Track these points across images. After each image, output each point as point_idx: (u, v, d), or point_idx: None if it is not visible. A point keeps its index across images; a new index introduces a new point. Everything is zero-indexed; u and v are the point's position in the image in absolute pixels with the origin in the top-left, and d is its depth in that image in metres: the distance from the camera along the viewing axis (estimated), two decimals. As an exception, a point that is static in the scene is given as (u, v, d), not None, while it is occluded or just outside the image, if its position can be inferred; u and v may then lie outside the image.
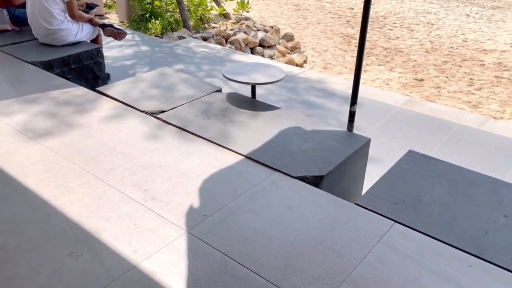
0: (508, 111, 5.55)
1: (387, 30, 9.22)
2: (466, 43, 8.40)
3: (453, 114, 4.27)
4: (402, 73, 6.83)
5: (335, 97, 4.61)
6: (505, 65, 7.24)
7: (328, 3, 11.61)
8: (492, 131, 3.89)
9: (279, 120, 2.87)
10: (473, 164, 3.34)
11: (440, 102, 5.77)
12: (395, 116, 4.16)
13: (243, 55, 6.04)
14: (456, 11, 11.15)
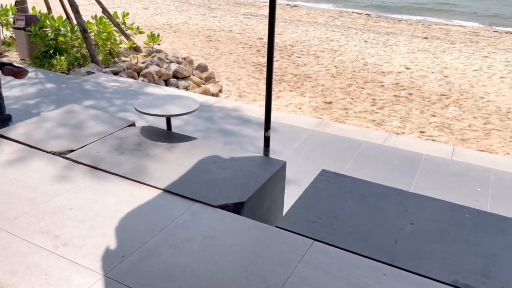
0: (408, 127, 6.09)
1: (296, 57, 9.72)
2: (367, 66, 9.13)
3: (360, 132, 4.58)
4: (312, 97, 7.21)
5: (251, 123, 4.72)
6: (401, 85, 7.97)
7: (238, 34, 11.99)
8: (395, 146, 4.23)
9: (197, 150, 2.86)
10: (381, 178, 3.59)
11: (348, 122, 6.16)
12: (308, 138, 4.36)
13: (157, 87, 5.98)
14: (355, 38, 12.13)
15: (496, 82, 8.30)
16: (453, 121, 6.33)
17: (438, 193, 3.37)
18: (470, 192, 3.40)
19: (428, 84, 8.05)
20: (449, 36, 13.85)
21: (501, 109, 6.86)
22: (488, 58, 10.14)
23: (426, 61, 9.67)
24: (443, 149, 4.20)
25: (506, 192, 3.42)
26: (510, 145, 5.55)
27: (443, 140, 5.63)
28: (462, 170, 3.75)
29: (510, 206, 3.22)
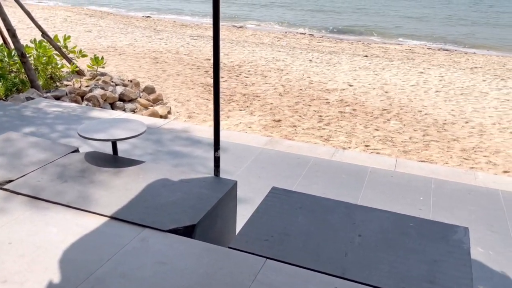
0: (354, 141, 6.31)
1: (244, 77, 9.85)
2: (312, 84, 9.41)
3: (309, 149, 4.69)
4: (262, 115, 7.31)
5: (201, 144, 4.69)
6: (346, 101, 8.27)
7: (185, 55, 11.99)
8: (342, 160, 4.36)
9: (145, 174, 2.80)
10: (330, 192, 3.68)
11: (297, 139, 6.28)
12: (258, 157, 4.40)
13: (102, 111, 5.82)
14: (300, 57, 12.50)
15: (432, 96, 8.83)
16: (395, 134, 6.63)
17: (383, 204, 3.50)
18: (413, 202, 3.56)
19: (370, 99, 8.41)
20: (388, 54, 14.62)
21: (438, 121, 7.29)
22: (424, 74, 10.80)
23: (367, 78, 10.12)
24: (386, 162, 4.38)
25: (446, 200, 3.62)
26: (447, 155, 5.89)
27: (387, 153, 5.88)
28: (405, 181, 3.92)
29: (450, 213, 3.41)
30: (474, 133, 6.79)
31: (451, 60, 14.46)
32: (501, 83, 10.24)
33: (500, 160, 5.76)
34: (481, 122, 7.30)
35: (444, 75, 10.75)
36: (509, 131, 6.93)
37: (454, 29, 24.43)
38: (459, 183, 3.91)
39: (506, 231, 3.21)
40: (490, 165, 5.61)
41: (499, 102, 8.51)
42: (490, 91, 9.38)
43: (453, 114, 7.70)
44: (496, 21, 28.38)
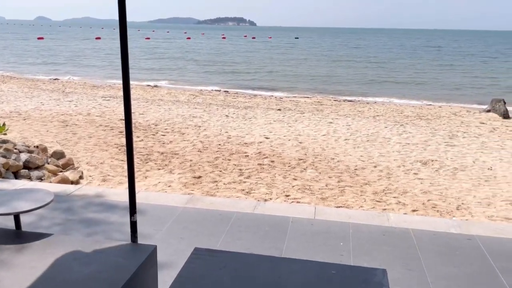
0: (275, 192, 6.41)
1: (161, 135, 9.73)
2: (230, 139, 9.57)
3: (231, 203, 4.67)
4: (181, 173, 7.19)
5: (117, 209, 4.45)
6: (264, 153, 8.48)
7: (98, 117, 11.61)
8: (264, 213, 4.39)
9: (53, 248, 2.55)
10: (254, 247, 3.65)
11: (219, 194, 6.24)
12: (179, 216, 4.27)
13: (4, 181, 5.32)
14: (217, 113, 12.74)
15: (342, 144, 9.41)
16: (312, 182, 6.88)
17: (307, 253, 3.54)
18: (334, 248, 3.65)
19: (287, 150, 8.73)
20: (299, 107, 15.48)
21: (350, 167, 7.72)
22: (333, 124, 11.54)
23: (282, 130, 10.55)
24: (306, 210, 4.49)
25: (364, 243, 3.77)
26: (361, 198, 6.21)
27: (306, 201, 6.04)
28: (325, 228, 4.03)
29: (369, 256, 3.54)
30: (383, 176, 7.28)
31: (356, 110, 15.68)
32: (401, 128, 11.27)
33: (408, 199, 6.20)
34: (387, 166, 7.88)
35: (351, 124, 11.58)
36: (412, 172, 7.54)
37: (354, 86, 26.80)
38: (374, 225, 4.10)
39: (421, 268, 3.39)
40: (400, 205, 6.00)
41: (401, 146, 9.30)
42: (392, 136, 10.25)
43: (363, 159, 8.23)
44: (394, 78, 31.67)
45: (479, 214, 5.68)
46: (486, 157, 8.60)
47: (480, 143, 9.85)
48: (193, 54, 47.93)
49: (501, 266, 3.43)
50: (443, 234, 3.97)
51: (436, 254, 3.60)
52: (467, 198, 6.29)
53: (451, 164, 7.99)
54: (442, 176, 7.30)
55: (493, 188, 6.74)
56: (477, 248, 3.72)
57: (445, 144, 9.61)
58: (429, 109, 16.61)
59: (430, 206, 5.95)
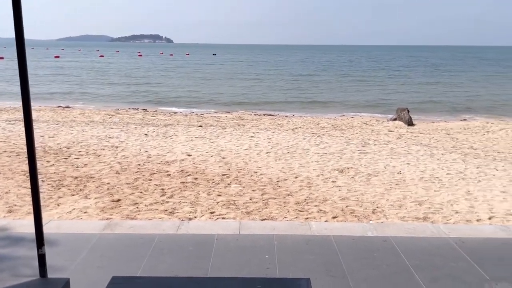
0: (199, 210, 6.29)
1: (74, 159, 9.14)
2: (151, 158, 9.27)
3: (152, 226, 4.49)
4: (98, 197, 6.78)
5: (25, 241, 4.06)
6: (186, 171, 8.32)
7: (1, 142, 10.63)
8: (188, 232, 4.27)
9: None
10: (178, 269, 3.52)
11: (141, 217, 5.97)
12: (96, 244, 4.00)
13: None
14: (135, 132, 12.30)
15: (264, 157, 9.56)
16: (236, 197, 6.87)
17: (233, 269, 3.50)
18: (260, 262, 3.65)
19: (210, 167, 8.65)
20: (220, 122, 15.52)
21: (272, 180, 7.85)
22: (254, 138, 11.70)
23: (204, 147, 10.47)
24: (231, 226, 4.46)
25: (288, 253, 3.82)
26: (285, 209, 6.32)
27: (232, 216, 6.00)
28: (250, 242, 4.02)
29: (294, 266, 3.58)
30: (304, 186, 7.49)
31: (275, 123, 16.11)
32: (318, 139, 11.75)
33: (328, 207, 6.43)
34: (308, 176, 8.13)
35: (272, 137, 11.84)
36: (331, 180, 7.86)
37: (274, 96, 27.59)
38: (298, 235, 4.18)
39: (343, 273, 3.51)
40: (321, 213, 6.20)
41: (319, 156, 9.67)
42: (311, 147, 10.64)
43: (284, 171, 8.41)
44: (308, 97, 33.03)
45: (393, 216, 6.05)
46: (396, 162, 9.25)
47: (390, 149, 10.58)
48: (108, 73, 46.20)
49: (414, 263, 3.67)
50: (361, 238, 4.15)
51: (356, 258, 3.75)
52: (381, 201, 6.68)
53: (365, 171, 8.46)
54: (358, 183, 7.70)
55: (403, 190, 7.24)
56: (392, 248, 3.95)
57: (358, 152, 10.18)
58: (342, 120, 17.59)
59: (349, 212, 6.22)
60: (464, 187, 7.44)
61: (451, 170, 8.66)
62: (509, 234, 4.32)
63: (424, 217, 5.99)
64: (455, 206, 6.46)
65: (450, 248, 3.97)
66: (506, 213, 6.17)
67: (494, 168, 8.95)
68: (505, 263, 3.70)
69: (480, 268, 3.59)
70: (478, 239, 4.21)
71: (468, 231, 4.46)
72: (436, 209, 6.34)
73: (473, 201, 6.68)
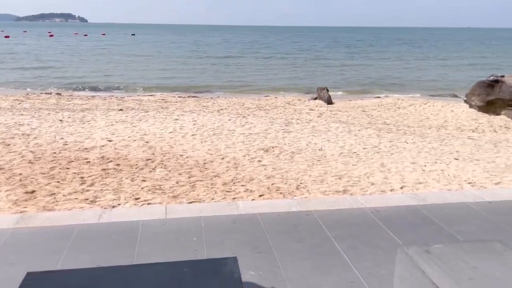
0: (123, 197, 6.07)
1: (-21, 150, 8.32)
2: (68, 145, 8.72)
3: (72, 216, 4.26)
4: (10, 190, 6.27)
5: None
6: (107, 157, 7.96)
7: None
8: (110, 220, 4.12)
9: None
10: (102, 259, 3.38)
11: (59, 207, 5.63)
12: (8, 241, 3.71)
13: None
14: (48, 118, 11.47)
15: (190, 139, 9.44)
16: (162, 181, 6.74)
17: (161, 255, 3.44)
18: (188, 244, 3.63)
19: (133, 152, 8.36)
20: (143, 105, 15.01)
21: (199, 162, 7.80)
22: (179, 120, 11.49)
23: (126, 131, 10.07)
24: (157, 211, 4.37)
25: (216, 234, 3.84)
26: (212, 191, 6.33)
27: (158, 201, 5.89)
28: (177, 226, 3.98)
29: (222, 246, 3.61)
30: (230, 167, 7.55)
31: (200, 105, 15.94)
32: (243, 120, 11.84)
33: (255, 186, 6.55)
34: (234, 156, 8.19)
35: (197, 119, 11.70)
36: (257, 160, 8.00)
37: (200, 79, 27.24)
38: (225, 216, 4.22)
39: (269, 249, 3.61)
40: (248, 192, 6.30)
41: (244, 137, 9.77)
42: (236, 128, 10.70)
43: (211, 153, 8.39)
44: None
45: (315, 191, 6.32)
46: (317, 139, 9.64)
47: (311, 128, 10.99)
48: (15, 56, 42.36)
49: (335, 234, 3.88)
50: (286, 214, 4.30)
51: (281, 233, 3.88)
52: (304, 178, 6.95)
53: (289, 149, 8.72)
54: (282, 161, 7.92)
55: (324, 166, 7.59)
56: (315, 222, 4.13)
57: (282, 131, 10.45)
58: (266, 100, 17.87)
59: (274, 189, 6.39)
60: (378, 160, 7.97)
61: (367, 145, 9.22)
62: (418, 201, 4.72)
63: (344, 190, 6.35)
64: (371, 178, 6.91)
65: (366, 217, 4.25)
66: (415, 182, 6.73)
67: (404, 142, 9.69)
68: (415, 228, 4.05)
69: (393, 234, 3.90)
70: (391, 207, 4.56)
71: (383, 201, 4.80)
72: (354, 182, 6.73)
73: (387, 173, 7.20)
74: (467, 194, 5.09)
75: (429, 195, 5.14)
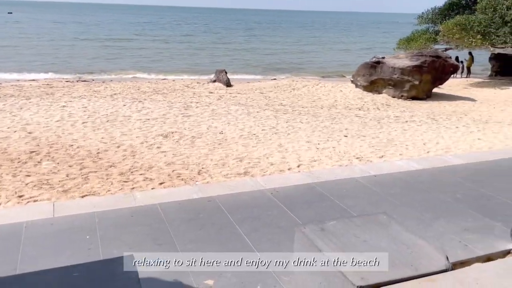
0: (4, 195, 5.45)
1: None
2: None
3: None
4: None
5: None
6: (-18, 152, 7.06)
7: None
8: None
9: None
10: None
11: None
12: None
13: None
14: None
15: (80, 128, 8.77)
16: (50, 175, 6.17)
17: (49, 259, 3.12)
18: (80, 244, 3.35)
19: (14, 144, 7.52)
20: (24, 92, 13.57)
21: (92, 152, 7.29)
22: (67, 107, 10.59)
23: (4, 121, 9.02)
24: (44, 210, 3.97)
25: (112, 229, 3.61)
26: (108, 182, 5.97)
27: (46, 198, 5.38)
28: (67, 224, 3.66)
29: (119, 241, 3.39)
30: (128, 155, 7.18)
31: (91, 90, 14.88)
32: (140, 105, 11.33)
33: (155, 174, 6.33)
34: (131, 144, 7.81)
35: (87, 105, 10.90)
36: (156, 146, 7.72)
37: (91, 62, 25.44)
38: (121, 209, 3.99)
39: (170, 240, 3.50)
40: (147, 181, 6.06)
41: (141, 123, 9.36)
42: (132, 113, 10.20)
43: (105, 141, 7.89)
44: (123, 50, 31.42)
45: (217, 175, 6.31)
46: (217, 123, 9.62)
47: (211, 111, 10.93)
48: None
49: (237, 218, 3.90)
50: (187, 202, 4.21)
51: (183, 222, 3.79)
52: (205, 162, 6.89)
53: (189, 134, 8.57)
54: (183, 146, 7.76)
55: (225, 149, 7.61)
56: (217, 207, 4.11)
57: (182, 115, 10.22)
58: (164, 84, 17.32)
59: (175, 176, 6.24)
60: (277, 141, 8.23)
61: (266, 126, 9.46)
62: (313, 179, 4.96)
63: (245, 172, 6.43)
64: (270, 159, 7.11)
65: (266, 199, 4.35)
66: (311, 160, 7.08)
67: (300, 122, 10.13)
68: (311, 206, 4.25)
69: (292, 213, 4.04)
70: (289, 187, 4.72)
71: (281, 181, 4.95)
72: (254, 163, 6.86)
73: (285, 153, 7.46)
74: (356, 169, 5.47)
75: (323, 172, 5.43)
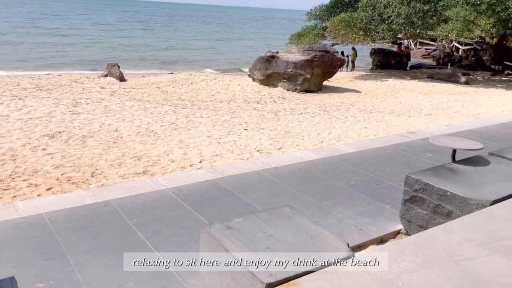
0: None
1: None
2: None
3: None
4: None
5: None
6: None
7: None
8: None
9: None
10: None
11: None
12: None
13: None
14: None
15: None
16: None
17: None
18: None
19: None
20: None
21: (-39, 158, 6.33)
22: None
23: None
24: None
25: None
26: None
27: None
28: None
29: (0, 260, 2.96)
30: (7, 160, 6.38)
31: (-41, 87, 13.00)
32: (20, 102, 10.17)
33: (40, 179, 5.70)
34: (10, 147, 6.95)
35: None
36: (41, 148, 6.97)
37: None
38: (0, 222, 3.50)
39: (61, 253, 3.15)
40: (32, 187, 5.43)
41: (23, 122, 8.40)
42: (11, 113, 9.10)
43: (-23, 145, 6.91)
44: None
45: (113, 176, 5.90)
46: (111, 120, 9.03)
47: (104, 107, 10.23)
48: None
49: (137, 222, 3.66)
50: (79, 208, 3.84)
51: (76, 231, 3.45)
52: (99, 163, 6.41)
53: (79, 133, 7.90)
54: (73, 147, 7.13)
55: (122, 148, 7.16)
56: (113, 212, 3.82)
57: (70, 113, 9.41)
58: (48, 79, 15.82)
59: (65, 180, 5.70)
60: (177, 137, 7.98)
61: (164, 122, 9.14)
62: (216, 175, 4.88)
63: (144, 171, 6.12)
64: (171, 156, 6.87)
65: (168, 199, 4.16)
66: (213, 154, 7.00)
67: (200, 116, 9.98)
68: (215, 203, 4.16)
69: (196, 212, 3.92)
70: (192, 184, 4.58)
71: (183, 179, 4.79)
72: (154, 161, 6.56)
73: (186, 149, 7.27)
74: (257, 162, 5.53)
75: (226, 167, 5.39)
